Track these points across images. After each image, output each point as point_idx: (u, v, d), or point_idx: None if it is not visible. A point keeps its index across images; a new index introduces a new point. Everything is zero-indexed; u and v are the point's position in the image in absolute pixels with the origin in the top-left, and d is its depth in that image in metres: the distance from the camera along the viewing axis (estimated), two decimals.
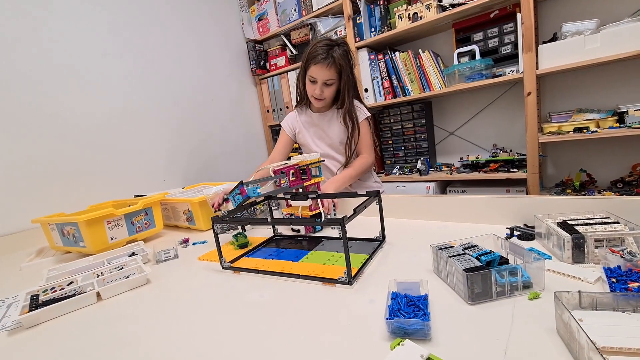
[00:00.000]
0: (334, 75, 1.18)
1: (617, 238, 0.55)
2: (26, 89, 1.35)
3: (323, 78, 1.17)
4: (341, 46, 1.18)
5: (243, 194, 0.83)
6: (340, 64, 1.16)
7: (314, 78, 1.18)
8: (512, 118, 1.83)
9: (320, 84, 1.18)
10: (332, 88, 1.21)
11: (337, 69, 1.17)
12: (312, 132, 1.35)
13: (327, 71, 1.16)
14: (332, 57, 1.15)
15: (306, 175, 0.82)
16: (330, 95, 1.23)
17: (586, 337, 0.32)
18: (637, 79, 1.52)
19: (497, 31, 1.64)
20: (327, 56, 1.15)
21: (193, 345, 0.48)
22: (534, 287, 0.50)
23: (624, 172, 1.59)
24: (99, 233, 0.97)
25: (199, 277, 0.74)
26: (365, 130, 1.28)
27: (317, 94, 1.21)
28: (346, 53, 1.18)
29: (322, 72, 1.16)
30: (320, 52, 1.15)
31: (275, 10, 2.29)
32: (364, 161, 1.26)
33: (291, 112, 1.41)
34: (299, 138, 1.39)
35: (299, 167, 0.82)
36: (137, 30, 1.75)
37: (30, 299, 0.66)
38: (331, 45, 1.17)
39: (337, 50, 1.16)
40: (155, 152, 1.80)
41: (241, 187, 0.83)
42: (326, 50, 1.15)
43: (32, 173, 1.35)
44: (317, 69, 1.16)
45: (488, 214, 0.81)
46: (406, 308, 0.46)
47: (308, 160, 0.82)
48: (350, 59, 1.20)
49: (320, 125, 1.32)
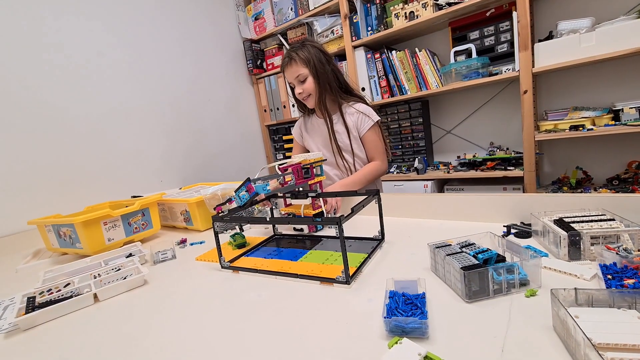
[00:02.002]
0: (300, 69, 1.19)
1: (612, 235, 0.55)
2: (21, 90, 1.34)
3: (293, 76, 1.21)
4: (304, 43, 1.21)
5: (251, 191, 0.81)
6: (303, 58, 1.18)
7: (290, 82, 1.24)
8: (509, 116, 1.84)
9: (297, 84, 1.22)
10: (308, 82, 1.21)
11: (303, 62, 1.19)
12: (316, 137, 1.35)
13: (293, 68, 1.20)
14: (291, 56, 1.19)
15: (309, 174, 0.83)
16: (312, 88, 1.22)
17: (582, 334, 0.33)
18: (632, 77, 1.53)
19: (493, 30, 1.64)
20: (289, 58, 1.20)
21: (191, 346, 0.48)
22: (530, 285, 0.50)
23: (619, 169, 1.60)
24: (95, 234, 0.97)
25: (196, 277, 0.74)
26: (375, 136, 1.26)
27: (298, 94, 1.23)
28: (311, 47, 1.20)
29: (290, 73, 1.21)
30: (284, 57, 1.23)
31: (271, 10, 2.29)
32: (374, 167, 1.24)
33: (298, 120, 1.44)
34: (305, 144, 1.40)
35: (303, 165, 0.82)
36: (132, 29, 1.74)
37: (27, 301, 0.65)
38: (294, 48, 1.21)
39: (299, 49, 1.19)
40: (152, 153, 1.79)
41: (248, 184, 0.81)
42: (288, 54, 1.21)
43: (28, 174, 1.34)
44: (287, 73, 1.23)
45: (485, 212, 0.81)
46: (404, 306, 0.46)
47: (312, 159, 0.82)
48: (318, 51, 1.21)
49: (322, 127, 1.30)
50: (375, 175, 1.25)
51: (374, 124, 1.25)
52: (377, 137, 1.26)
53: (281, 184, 0.81)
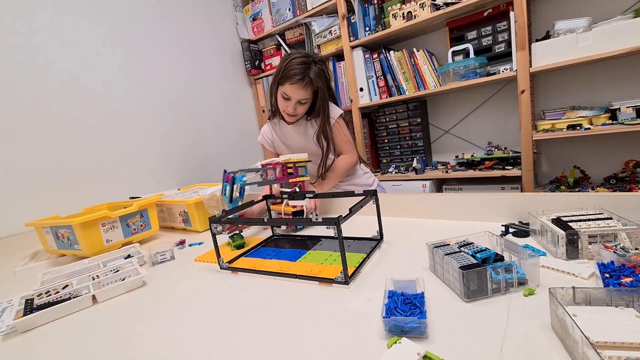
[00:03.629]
0: (309, 95, 1.14)
1: (610, 234, 0.56)
2: (18, 91, 1.33)
3: (298, 97, 1.13)
4: (317, 64, 1.12)
5: (228, 179, 0.86)
6: (317, 85, 1.12)
7: (287, 96, 1.14)
8: (507, 116, 1.84)
9: (293, 102, 1.14)
10: (305, 106, 1.17)
11: (313, 89, 1.13)
12: (289, 144, 1.31)
13: (303, 91, 1.12)
14: (308, 78, 1.10)
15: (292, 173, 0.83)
16: (303, 112, 1.20)
17: (580, 333, 0.33)
18: (629, 76, 1.53)
19: (490, 30, 1.65)
20: (303, 77, 1.09)
21: (190, 348, 0.48)
22: (529, 284, 0.50)
23: (617, 168, 1.60)
24: (94, 236, 0.97)
25: (195, 278, 0.74)
26: (341, 130, 1.24)
27: (290, 112, 1.16)
28: (323, 72, 1.14)
29: (297, 92, 1.12)
30: (296, 71, 1.09)
31: (269, 10, 2.28)
32: (345, 161, 1.24)
33: (264, 127, 1.36)
34: (277, 149, 1.35)
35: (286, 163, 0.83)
36: (129, 30, 1.74)
37: (25, 303, 0.65)
38: (307, 63, 1.11)
39: (313, 69, 1.11)
40: (150, 154, 1.79)
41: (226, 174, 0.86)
42: (302, 70, 1.09)
43: (26, 176, 1.33)
44: (292, 88, 1.11)
45: (483, 212, 0.81)
46: (403, 306, 0.46)
47: (295, 159, 0.83)
48: (327, 75, 1.17)
49: (295, 137, 1.28)
50: (347, 169, 1.25)
51: (334, 121, 1.23)
52: (342, 129, 1.25)
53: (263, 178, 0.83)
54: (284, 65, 1.12)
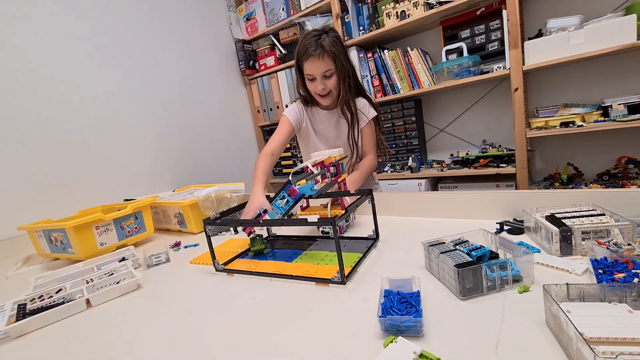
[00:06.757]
0: (330, 65, 1.09)
1: (603, 230, 0.56)
2: (11, 93, 1.31)
3: (320, 71, 1.09)
4: (329, 33, 1.10)
5: (294, 194, 0.71)
6: (332, 51, 1.08)
7: (311, 75, 1.11)
8: (500, 114, 1.86)
9: (319, 78, 1.10)
10: (333, 79, 1.12)
11: (331, 56, 1.08)
12: (318, 130, 1.27)
13: (322, 62, 1.08)
14: (321, 47, 1.07)
15: (337, 172, 0.79)
16: (335, 86, 1.13)
17: (574, 329, 0.33)
18: (620, 74, 1.55)
19: (483, 28, 1.66)
20: (316, 47, 1.06)
21: (185, 351, 0.48)
22: (523, 281, 0.50)
23: (609, 164, 1.62)
24: (87, 239, 0.96)
25: (191, 280, 0.74)
26: (370, 132, 1.24)
27: (320, 90, 1.12)
28: (336, 39, 1.10)
29: (316, 66, 1.08)
30: (309, 45, 1.07)
31: (263, 10, 2.28)
32: (370, 163, 1.23)
33: (295, 104, 1.27)
34: (303, 132, 1.28)
35: (332, 163, 0.78)
36: (122, 31, 1.72)
37: (17, 308, 0.64)
38: (318, 34, 1.09)
39: (326, 39, 1.07)
40: (145, 156, 1.77)
41: (289, 187, 0.71)
42: (315, 42, 1.07)
43: (18, 179, 1.32)
44: (310, 64, 1.08)
45: (478, 210, 0.82)
46: (399, 305, 0.46)
47: (337, 156, 0.79)
48: (343, 45, 1.13)
49: (326, 124, 1.25)
50: (371, 171, 1.24)
51: (369, 122, 1.22)
52: (371, 132, 1.24)
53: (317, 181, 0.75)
54: (299, 46, 1.11)
